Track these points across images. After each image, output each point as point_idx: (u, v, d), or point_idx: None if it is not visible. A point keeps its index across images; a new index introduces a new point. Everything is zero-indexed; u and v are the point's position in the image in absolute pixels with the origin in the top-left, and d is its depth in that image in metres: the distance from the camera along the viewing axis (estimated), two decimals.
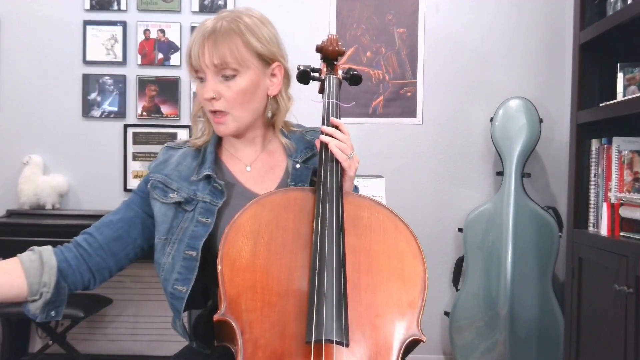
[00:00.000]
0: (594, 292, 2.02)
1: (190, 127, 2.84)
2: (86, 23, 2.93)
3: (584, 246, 2.08)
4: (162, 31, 2.94)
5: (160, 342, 2.90)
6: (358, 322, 0.93)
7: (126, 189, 2.94)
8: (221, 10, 1.20)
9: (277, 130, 1.26)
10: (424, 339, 0.95)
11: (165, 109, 2.95)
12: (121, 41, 2.93)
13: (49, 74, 2.93)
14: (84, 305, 2.43)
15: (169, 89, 2.94)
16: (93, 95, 2.95)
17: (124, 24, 2.93)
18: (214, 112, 1.16)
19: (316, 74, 1.32)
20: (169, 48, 2.94)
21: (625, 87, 2.05)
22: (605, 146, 2.08)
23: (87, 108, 2.94)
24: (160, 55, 2.94)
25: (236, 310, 0.92)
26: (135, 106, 2.95)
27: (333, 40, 1.31)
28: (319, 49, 1.33)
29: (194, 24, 2.91)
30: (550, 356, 2.61)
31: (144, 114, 2.95)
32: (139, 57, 2.95)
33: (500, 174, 2.80)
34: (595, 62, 2.20)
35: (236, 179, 1.22)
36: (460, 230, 2.82)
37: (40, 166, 2.85)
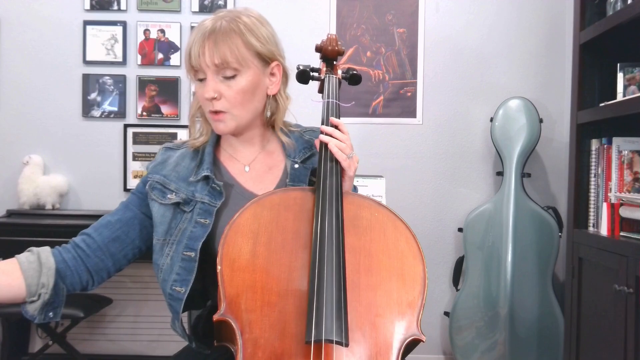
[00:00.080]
0: (594, 292, 2.02)
1: None
2: (86, 23, 2.93)
3: (584, 246, 2.08)
4: (162, 31, 2.94)
5: (160, 342, 2.90)
6: (358, 322, 0.93)
7: (126, 189, 2.94)
8: (218, 10, 1.20)
9: (278, 129, 1.26)
10: (423, 338, 0.95)
11: (165, 109, 2.95)
12: (121, 41, 2.93)
13: (49, 74, 2.93)
14: (83, 305, 2.43)
15: (169, 89, 2.94)
16: (93, 95, 2.95)
17: (124, 24, 2.93)
18: (214, 111, 1.16)
19: (316, 74, 1.32)
20: (169, 48, 2.94)
21: (625, 87, 2.05)
22: (605, 146, 2.08)
23: (87, 108, 2.94)
24: (160, 55, 2.94)
25: (236, 310, 0.92)
26: (135, 106, 2.95)
27: (332, 40, 1.30)
28: (318, 49, 1.32)
29: (194, 24, 2.91)
30: (550, 356, 2.60)
31: (144, 114, 2.95)
32: (139, 57, 2.95)
33: (500, 174, 2.80)
34: (595, 62, 2.20)
35: (235, 179, 1.22)
36: (460, 230, 2.82)
37: (40, 166, 2.85)
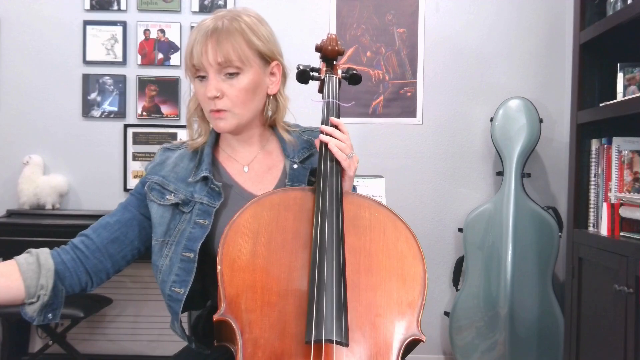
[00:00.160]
0: (594, 292, 2.02)
1: None
2: (86, 23, 2.93)
3: (584, 246, 2.08)
4: (162, 31, 2.94)
5: (160, 342, 2.90)
6: (358, 322, 0.93)
7: (126, 189, 2.94)
8: (217, 10, 1.20)
9: (279, 127, 1.26)
10: (423, 338, 0.95)
11: (165, 109, 2.95)
12: (121, 41, 2.93)
13: (49, 74, 2.93)
14: (84, 305, 2.42)
15: (169, 89, 2.94)
16: (93, 95, 2.94)
17: (124, 24, 2.93)
18: (215, 110, 1.16)
19: (316, 74, 1.32)
20: (169, 48, 2.94)
21: (625, 87, 2.05)
22: (605, 146, 2.08)
23: (87, 108, 2.94)
24: (160, 55, 2.94)
25: (236, 310, 0.92)
26: (135, 106, 2.95)
27: (332, 39, 1.30)
28: (318, 49, 1.32)
29: (193, 24, 2.91)
30: (550, 356, 2.60)
31: (144, 114, 2.95)
32: (139, 57, 2.95)
33: (500, 174, 2.80)
34: (595, 62, 2.20)
35: (234, 180, 1.22)
36: (460, 230, 2.82)
37: (40, 166, 2.85)
